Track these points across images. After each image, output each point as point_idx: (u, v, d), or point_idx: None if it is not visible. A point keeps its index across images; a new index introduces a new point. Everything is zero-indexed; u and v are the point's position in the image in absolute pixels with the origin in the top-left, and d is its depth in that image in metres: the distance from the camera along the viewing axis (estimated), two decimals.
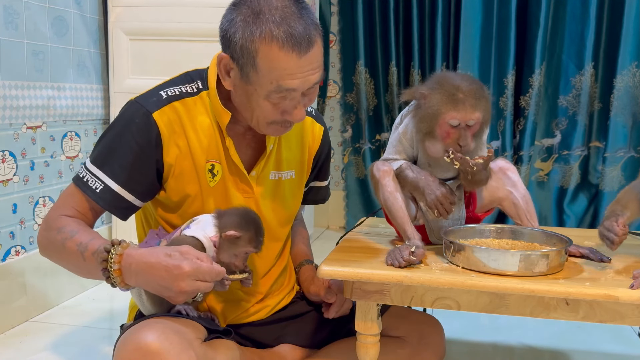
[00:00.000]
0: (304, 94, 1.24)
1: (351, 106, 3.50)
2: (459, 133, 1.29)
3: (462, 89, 1.27)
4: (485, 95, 1.30)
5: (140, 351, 1.12)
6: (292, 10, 1.18)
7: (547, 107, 3.21)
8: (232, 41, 1.20)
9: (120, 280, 1.17)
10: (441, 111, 1.27)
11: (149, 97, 1.31)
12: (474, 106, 1.27)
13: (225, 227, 1.24)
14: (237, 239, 1.24)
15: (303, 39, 1.17)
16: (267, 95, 1.21)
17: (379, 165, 1.38)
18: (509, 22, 3.08)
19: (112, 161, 1.28)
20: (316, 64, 1.22)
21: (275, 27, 1.16)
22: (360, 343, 1.27)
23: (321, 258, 1.29)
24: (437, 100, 1.28)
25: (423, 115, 1.31)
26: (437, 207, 1.32)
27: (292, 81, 1.20)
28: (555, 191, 3.27)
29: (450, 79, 1.30)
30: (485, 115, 1.31)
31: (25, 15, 2.06)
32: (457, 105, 1.26)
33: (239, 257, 1.26)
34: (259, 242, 1.27)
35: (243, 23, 1.18)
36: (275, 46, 1.16)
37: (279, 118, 1.26)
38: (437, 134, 1.30)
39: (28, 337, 1.95)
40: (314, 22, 1.21)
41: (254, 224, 1.27)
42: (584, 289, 1.11)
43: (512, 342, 2.00)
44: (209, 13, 2.40)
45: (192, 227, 1.25)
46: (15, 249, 2.06)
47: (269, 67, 1.18)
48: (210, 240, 1.23)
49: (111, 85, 2.53)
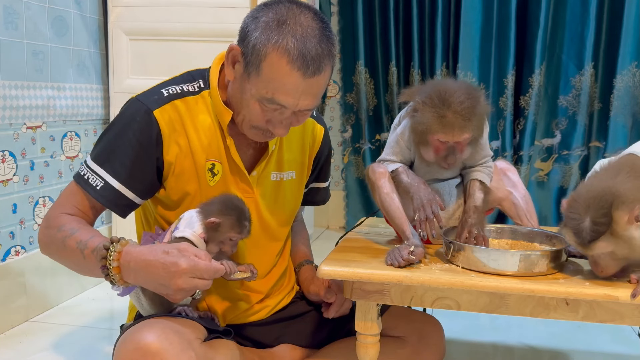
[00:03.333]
0: (294, 114, 1.25)
1: (351, 106, 3.50)
2: (447, 149, 1.29)
3: (452, 108, 1.25)
4: (479, 111, 1.28)
5: (140, 351, 1.12)
6: (315, 33, 1.19)
7: (547, 107, 3.21)
8: (248, 37, 1.20)
9: (119, 278, 1.17)
10: (430, 130, 1.27)
11: (151, 95, 1.31)
12: (462, 128, 1.26)
13: (207, 215, 1.23)
14: (219, 226, 1.23)
15: (312, 63, 1.18)
16: (259, 99, 1.22)
17: (374, 167, 1.38)
18: (509, 22, 3.08)
19: (113, 159, 1.28)
20: (316, 91, 1.22)
21: (293, 41, 1.17)
22: (360, 343, 1.27)
23: (321, 258, 1.29)
24: (426, 117, 1.27)
25: (415, 127, 1.32)
26: (418, 212, 1.29)
27: (286, 98, 1.20)
28: (555, 191, 3.27)
29: (442, 94, 1.27)
30: (477, 131, 1.30)
31: (25, 15, 2.06)
32: (444, 127, 1.26)
33: (225, 243, 1.25)
34: (243, 226, 1.26)
35: (265, 25, 1.19)
36: (284, 59, 1.17)
37: (263, 125, 1.26)
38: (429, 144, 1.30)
39: (28, 337, 1.95)
40: (331, 52, 1.22)
41: (236, 209, 1.25)
42: (584, 289, 1.11)
43: (512, 342, 2.00)
44: (209, 13, 2.40)
45: (180, 227, 1.24)
46: (15, 249, 2.06)
47: (270, 75, 1.19)
48: (200, 237, 1.23)
49: (111, 85, 2.53)
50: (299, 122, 1.29)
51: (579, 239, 1.11)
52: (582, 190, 1.14)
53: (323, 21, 1.21)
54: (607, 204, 1.08)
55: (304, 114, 1.27)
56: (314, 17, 1.20)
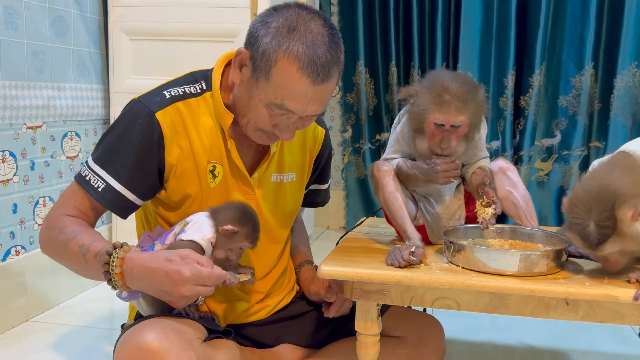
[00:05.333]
0: (300, 118, 1.26)
1: (351, 106, 3.50)
2: (443, 134, 1.29)
3: (449, 90, 1.27)
4: (476, 98, 1.30)
5: (141, 351, 1.12)
6: (325, 40, 1.19)
7: (547, 107, 3.21)
8: (258, 42, 1.20)
9: (122, 284, 1.18)
10: (427, 111, 1.29)
11: (153, 97, 1.31)
12: (459, 109, 1.27)
13: (223, 222, 1.24)
14: (235, 234, 1.24)
15: (322, 70, 1.18)
16: (268, 104, 1.22)
17: (379, 165, 1.38)
18: (509, 22, 3.08)
19: (114, 160, 1.28)
20: (324, 97, 1.23)
21: (303, 48, 1.17)
22: (360, 343, 1.27)
23: (321, 258, 1.29)
24: (424, 99, 1.30)
25: (412, 113, 1.33)
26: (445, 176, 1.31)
27: (295, 104, 1.21)
28: (555, 191, 3.27)
29: (441, 79, 1.30)
30: (473, 118, 1.31)
31: (25, 15, 2.06)
32: (441, 106, 1.27)
33: (233, 252, 1.26)
34: (255, 237, 1.27)
35: (275, 31, 1.19)
36: (294, 66, 1.17)
37: (269, 129, 1.27)
38: (425, 132, 1.31)
39: (28, 337, 1.95)
40: (339, 60, 1.23)
41: (252, 219, 1.27)
42: (584, 289, 1.11)
43: (512, 342, 2.00)
44: (209, 13, 2.40)
45: (188, 230, 1.24)
46: (15, 249, 2.06)
47: (280, 82, 1.19)
48: (209, 241, 1.23)
49: (111, 85, 2.54)
50: (305, 127, 1.30)
51: (587, 243, 1.12)
52: (579, 191, 1.14)
53: (332, 27, 1.22)
54: (609, 205, 1.09)
55: (310, 118, 1.28)
56: (324, 23, 1.21)
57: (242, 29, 2.14)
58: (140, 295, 1.24)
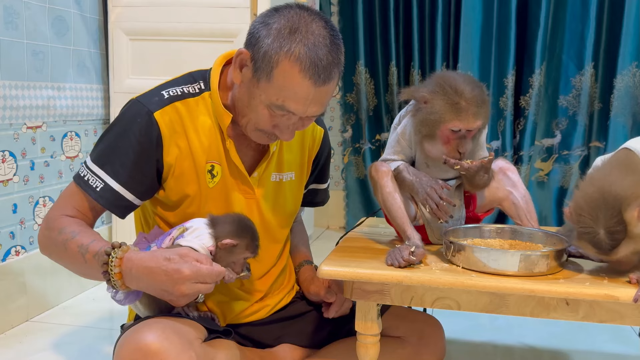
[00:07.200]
0: (300, 119, 1.26)
1: (351, 106, 3.50)
2: (459, 139, 1.29)
3: (465, 96, 1.27)
4: (486, 100, 1.31)
5: (141, 351, 1.12)
6: (326, 42, 1.20)
7: (547, 107, 3.21)
8: (259, 43, 1.21)
9: (121, 284, 1.17)
10: (444, 119, 1.28)
11: (151, 97, 1.31)
12: (476, 114, 1.28)
13: (221, 236, 1.24)
14: (234, 247, 1.24)
15: (324, 72, 1.19)
16: (269, 105, 1.23)
17: (377, 166, 1.38)
18: (509, 22, 3.08)
19: (113, 160, 1.28)
20: (325, 98, 1.24)
21: (305, 50, 1.17)
22: (360, 343, 1.27)
23: (321, 258, 1.29)
24: (439, 106, 1.28)
25: (424, 119, 1.32)
26: (428, 202, 1.32)
27: (296, 105, 1.21)
28: (555, 191, 3.27)
29: (452, 83, 1.29)
30: (486, 120, 1.32)
31: (25, 15, 2.06)
32: (460, 114, 1.27)
33: (237, 263, 1.26)
34: (256, 247, 1.28)
35: (277, 32, 1.19)
36: (296, 67, 1.17)
37: (269, 129, 1.27)
38: (438, 137, 1.30)
39: (28, 337, 1.95)
40: (340, 62, 1.23)
41: (250, 230, 1.27)
42: (584, 289, 1.11)
43: (512, 342, 2.00)
44: (209, 13, 2.40)
45: (187, 236, 1.24)
46: (15, 249, 2.06)
47: (282, 83, 1.19)
48: (208, 250, 1.23)
49: (111, 85, 2.53)
50: (304, 127, 1.30)
51: (599, 249, 1.13)
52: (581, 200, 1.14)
53: (333, 29, 1.22)
54: (616, 210, 1.10)
55: (310, 119, 1.28)
56: (325, 25, 1.21)
57: (242, 29, 2.14)
58: (137, 299, 1.24)
